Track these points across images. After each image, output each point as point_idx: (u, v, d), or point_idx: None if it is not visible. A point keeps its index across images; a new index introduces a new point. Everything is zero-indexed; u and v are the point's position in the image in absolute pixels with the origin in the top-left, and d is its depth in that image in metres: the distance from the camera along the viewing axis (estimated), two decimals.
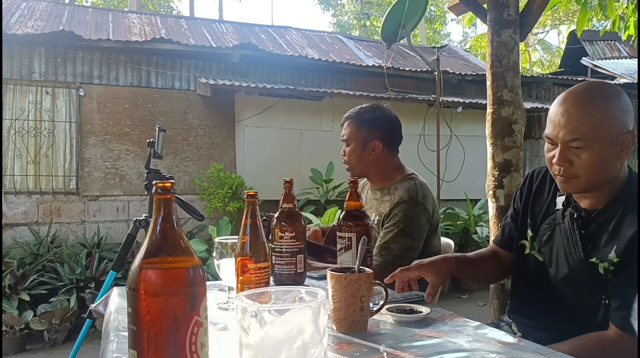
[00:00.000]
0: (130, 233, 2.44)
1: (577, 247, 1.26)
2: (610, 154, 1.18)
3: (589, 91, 1.21)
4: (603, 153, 1.17)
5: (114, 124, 5.61)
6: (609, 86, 1.24)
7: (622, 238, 1.18)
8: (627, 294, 1.16)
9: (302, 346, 0.78)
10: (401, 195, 1.84)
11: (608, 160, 1.18)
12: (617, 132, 1.17)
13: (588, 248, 1.25)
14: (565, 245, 1.29)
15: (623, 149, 1.18)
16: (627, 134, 1.17)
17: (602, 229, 1.23)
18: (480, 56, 14.70)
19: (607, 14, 3.84)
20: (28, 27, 6.06)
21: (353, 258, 1.38)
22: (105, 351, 1.04)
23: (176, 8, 21.14)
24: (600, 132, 1.16)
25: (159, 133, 2.52)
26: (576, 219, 1.27)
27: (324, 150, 6.20)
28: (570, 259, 1.27)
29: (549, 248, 1.34)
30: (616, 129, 1.17)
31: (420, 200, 1.82)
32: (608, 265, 1.19)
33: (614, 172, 1.21)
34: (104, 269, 4.64)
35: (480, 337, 1.06)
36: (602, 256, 1.21)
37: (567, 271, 1.28)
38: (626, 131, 1.17)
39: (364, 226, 1.42)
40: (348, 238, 1.41)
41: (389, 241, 1.80)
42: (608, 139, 1.17)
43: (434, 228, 1.90)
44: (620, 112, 1.17)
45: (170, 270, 0.70)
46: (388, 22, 4.93)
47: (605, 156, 1.18)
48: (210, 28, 8.20)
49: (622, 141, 1.17)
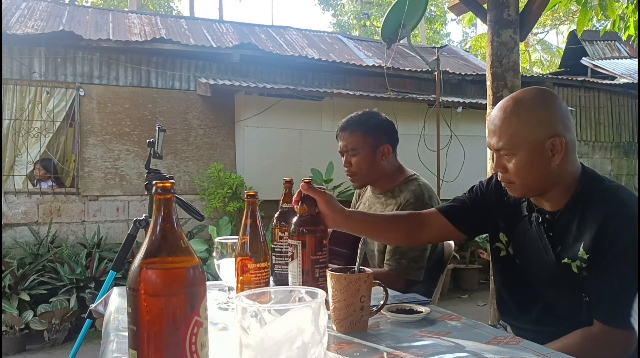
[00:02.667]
0: (130, 233, 2.44)
1: (547, 250, 1.28)
2: (539, 160, 1.20)
3: (517, 100, 1.23)
4: (529, 159, 1.20)
5: (114, 124, 5.61)
6: (540, 92, 1.24)
7: (587, 234, 1.19)
8: (603, 288, 1.18)
9: (302, 346, 0.78)
10: (407, 197, 1.83)
11: (538, 165, 1.20)
12: (543, 139, 1.19)
13: (558, 250, 1.26)
14: (537, 249, 1.31)
15: (555, 154, 1.20)
16: (556, 139, 1.18)
17: (567, 229, 1.24)
18: (480, 56, 14.70)
19: (607, 14, 3.84)
20: (28, 27, 6.06)
21: (299, 268, 1.24)
22: (105, 351, 1.04)
23: (176, 8, 21.17)
24: (520, 140, 1.19)
25: (159, 133, 2.52)
26: (542, 223, 1.29)
27: (324, 150, 6.19)
28: (545, 262, 1.29)
29: (525, 253, 1.36)
30: (540, 135, 1.19)
31: (427, 201, 1.82)
32: (580, 263, 1.21)
33: (555, 175, 1.22)
34: (104, 269, 4.64)
35: (480, 337, 1.06)
36: (572, 255, 1.22)
37: (544, 275, 1.30)
38: (555, 136, 1.18)
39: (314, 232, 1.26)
40: (294, 246, 1.25)
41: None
42: (532, 146, 1.19)
43: None
44: (547, 119, 1.20)
45: (170, 270, 0.70)
46: (388, 22, 4.93)
47: (532, 162, 1.20)
48: (210, 28, 8.20)
49: (551, 146, 1.19)
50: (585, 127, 8.42)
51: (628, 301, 1.16)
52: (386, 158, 1.92)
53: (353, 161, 1.92)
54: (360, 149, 1.91)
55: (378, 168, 1.92)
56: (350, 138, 1.92)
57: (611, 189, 1.23)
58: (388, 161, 1.93)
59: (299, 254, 1.24)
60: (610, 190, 1.23)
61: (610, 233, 1.16)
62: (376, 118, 1.96)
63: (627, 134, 8.75)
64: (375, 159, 1.91)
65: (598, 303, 1.19)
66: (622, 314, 1.16)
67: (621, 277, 1.16)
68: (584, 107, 8.44)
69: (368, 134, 1.91)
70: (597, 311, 1.19)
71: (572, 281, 1.24)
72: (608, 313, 1.18)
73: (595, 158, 8.39)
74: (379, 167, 1.92)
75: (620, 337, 1.16)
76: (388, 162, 1.93)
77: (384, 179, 1.95)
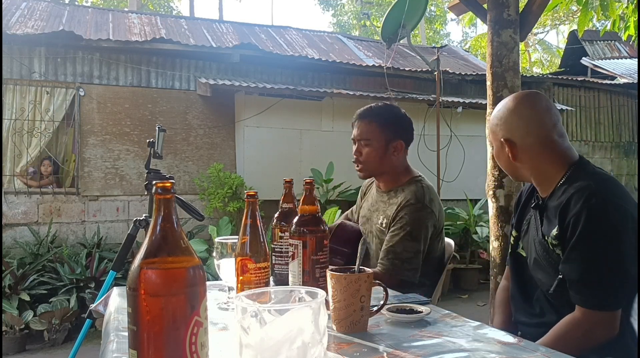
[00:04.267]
0: (130, 233, 2.44)
1: (538, 230, 1.35)
2: (502, 153, 1.41)
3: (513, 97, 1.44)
4: (496, 150, 1.43)
5: (114, 124, 5.61)
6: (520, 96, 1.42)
7: (563, 215, 1.25)
8: (573, 269, 1.22)
9: (302, 346, 0.78)
10: (408, 198, 1.82)
11: (502, 156, 1.42)
12: (499, 137, 1.39)
13: (543, 228, 1.34)
14: (533, 231, 1.39)
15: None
16: (507, 141, 1.37)
17: (551, 211, 1.33)
18: (480, 56, 14.70)
19: (608, 14, 3.84)
20: (28, 27, 6.06)
21: (299, 268, 1.25)
22: (105, 351, 1.04)
23: (176, 8, 21.16)
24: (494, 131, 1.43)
25: (159, 133, 2.52)
26: (535, 208, 1.40)
27: (324, 150, 6.19)
28: (535, 241, 1.36)
29: (526, 239, 1.44)
30: (499, 134, 1.40)
31: (427, 203, 1.81)
32: (552, 239, 1.27)
33: (516, 168, 1.40)
34: (104, 269, 4.64)
35: (480, 337, 1.06)
36: (549, 232, 1.30)
37: (534, 255, 1.36)
38: (507, 138, 1.37)
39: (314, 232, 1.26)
40: (294, 246, 1.26)
41: (396, 245, 1.78)
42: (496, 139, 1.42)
43: (438, 232, 1.89)
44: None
45: (170, 270, 0.70)
46: (388, 22, 4.94)
47: (497, 153, 1.44)
48: (210, 28, 8.20)
49: (508, 145, 1.37)
50: (585, 127, 8.42)
51: (601, 282, 1.19)
52: (397, 154, 1.91)
53: (364, 151, 1.91)
54: (374, 140, 1.90)
55: (387, 162, 1.91)
56: (367, 127, 1.91)
57: (591, 175, 1.29)
58: (398, 158, 1.92)
59: (300, 254, 1.24)
60: (589, 175, 1.29)
61: (572, 213, 1.22)
62: (396, 113, 1.95)
63: (627, 134, 8.75)
64: (386, 153, 1.90)
65: (572, 287, 1.23)
66: (597, 295, 1.19)
67: (588, 258, 1.20)
68: (583, 107, 8.44)
69: (385, 127, 1.90)
70: (574, 294, 1.23)
71: (549, 257, 1.29)
72: (583, 296, 1.21)
73: (595, 158, 8.38)
74: (388, 162, 1.91)
75: (601, 317, 1.19)
76: (398, 159, 1.92)
77: (390, 175, 1.94)
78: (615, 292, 1.19)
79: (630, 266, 1.19)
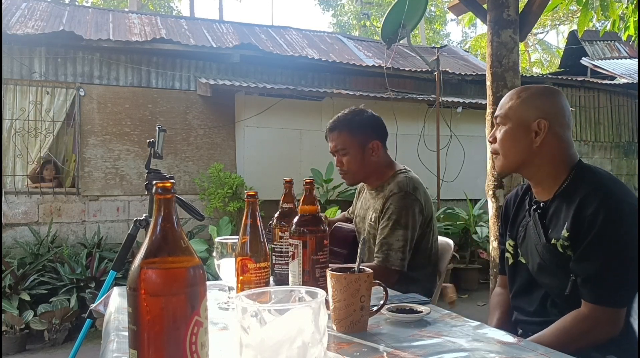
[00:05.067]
0: (131, 233, 2.44)
1: (540, 235, 1.33)
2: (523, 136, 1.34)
3: (525, 87, 1.41)
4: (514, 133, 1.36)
5: (114, 124, 5.61)
6: (546, 87, 1.43)
7: (571, 216, 1.25)
8: (587, 268, 1.22)
9: (302, 346, 0.78)
10: (392, 188, 1.86)
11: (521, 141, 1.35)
12: (531, 119, 1.33)
13: (549, 234, 1.32)
14: (533, 237, 1.37)
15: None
16: (542, 121, 1.32)
17: (556, 213, 1.32)
18: (480, 56, 14.70)
19: (608, 14, 3.84)
20: (28, 27, 6.06)
21: (299, 268, 1.26)
22: (105, 351, 1.04)
23: (176, 8, 21.14)
24: (511, 113, 1.36)
25: (159, 133, 2.52)
26: (535, 211, 1.38)
27: (324, 150, 6.11)
28: (538, 247, 1.34)
29: (525, 246, 1.42)
30: (529, 115, 1.34)
31: (411, 191, 1.85)
32: (562, 241, 1.26)
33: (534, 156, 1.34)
34: (104, 269, 4.64)
35: (480, 337, 1.06)
36: (557, 235, 1.28)
37: (538, 260, 1.34)
38: (541, 119, 1.32)
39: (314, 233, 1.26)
40: (294, 246, 1.27)
41: (387, 236, 1.82)
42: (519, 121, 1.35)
43: (428, 221, 1.91)
44: (542, 105, 1.34)
45: (170, 269, 0.70)
46: (388, 22, 4.94)
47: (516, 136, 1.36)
48: (211, 28, 8.20)
49: (537, 127, 1.32)
50: (585, 127, 8.42)
51: (614, 279, 1.20)
52: (376, 154, 1.94)
53: (344, 160, 1.95)
54: (350, 148, 1.93)
55: (369, 164, 1.94)
56: (339, 138, 1.94)
57: (598, 175, 1.30)
58: (378, 157, 1.95)
59: (300, 254, 1.24)
60: (597, 175, 1.29)
61: (589, 213, 1.21)
62: (362, 116, 1.97)
63: (626, 134, 8.75)
64: (365, 156, 1.93)
65: (584, 283, 1.23)
66: (608, 292, 1.20)
67: (604, 256, 1.20)
68: (583, 107, 8.44)
69: (355, 133, 1.93)
70: (584, 291, 1.23)
71: (559, 261, 1.28)
72: (594, 292, 1.21)
73: (595, 158, 8.39)
74: (370, 163, 1.94)
75: (608, 314, 1.20)
76: (378, 157, 1.95)
77: (376, 175, 1.97)
78: (625, 290, 1.21)
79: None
